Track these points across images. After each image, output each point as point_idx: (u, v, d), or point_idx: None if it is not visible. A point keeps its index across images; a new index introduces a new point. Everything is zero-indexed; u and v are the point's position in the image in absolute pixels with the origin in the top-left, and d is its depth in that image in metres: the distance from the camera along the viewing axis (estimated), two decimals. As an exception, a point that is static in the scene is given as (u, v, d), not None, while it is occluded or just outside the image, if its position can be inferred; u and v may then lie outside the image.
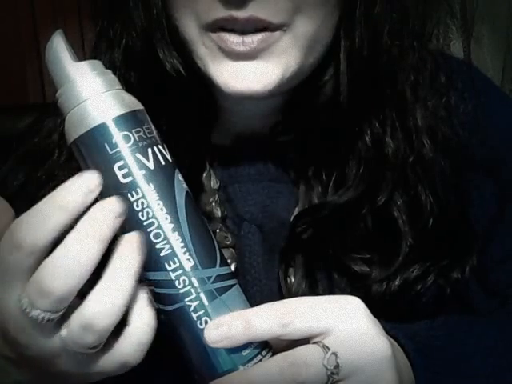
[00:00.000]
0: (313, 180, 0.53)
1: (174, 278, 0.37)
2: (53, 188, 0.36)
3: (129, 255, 0.36)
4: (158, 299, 0.38)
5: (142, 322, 0.37)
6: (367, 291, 0.51)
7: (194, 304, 0.37)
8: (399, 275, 0.51)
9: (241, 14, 0.44)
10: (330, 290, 0.53)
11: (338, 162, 0.52)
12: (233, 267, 0.53)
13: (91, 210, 0.35)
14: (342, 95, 0.49)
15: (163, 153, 0.39)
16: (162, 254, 0.37)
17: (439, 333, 0.50)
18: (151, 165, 0.38)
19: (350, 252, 0.52)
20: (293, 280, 0.52)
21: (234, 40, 0.45)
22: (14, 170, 0.56)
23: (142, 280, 0.38)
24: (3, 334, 0.37)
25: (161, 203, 0.37)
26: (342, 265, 0.52)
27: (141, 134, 0.38)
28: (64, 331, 0.35)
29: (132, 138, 0.38)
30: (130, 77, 0.50)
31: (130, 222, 0.37)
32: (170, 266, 0.37)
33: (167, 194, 0.38)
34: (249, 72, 0.46)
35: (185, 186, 0.40)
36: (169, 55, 0.49)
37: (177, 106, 0.51)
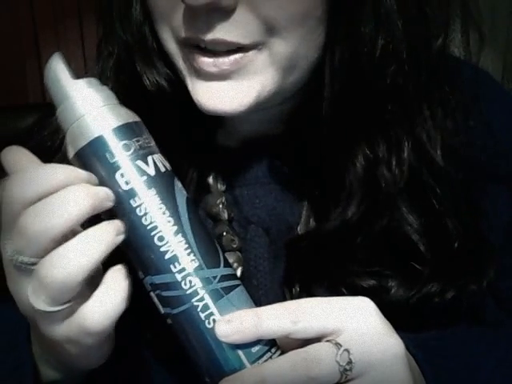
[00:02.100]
0: (316, 194, 0.52)
1: (179, 280, 0.38)
2: None
3: (103, 230, 0.37)
4: (164, 303, 0.39)
5: (109, 287, 0.37)
6: (381, 304, 0.50)
7: (201, 304, 0.38)
8: (419, 292, 0.49)
9: (207, 36, 0.43)
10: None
11: (335, 181, 0.50)
12: (239, 271, 0.53)
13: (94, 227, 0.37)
14: (324, 114, 0.47)
15: (162, 161, 0.40)
16: (166, 257, 0.38)
17: (449, 343, 0.49)
18: (152, 171, 0.39)
19: (357, 269, 0.50)
20: (298, 290, 0.51)
21: (205, 60, 0.44)
22: None
23: (148, 286, 0.39)
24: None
25: (163, 207, 0.38)
26: (349, 281, 0.50)
27: (140, 143, 0.39)
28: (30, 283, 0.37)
29: (132, 147, 0.39)
30: (124, 83, 0.50)
31: (133, 226, 0.38)
32: (175, 267, 0.38)
33: (168, 198, 0.39)
34: (222, 92, 0.45)
35: (185, 192, 0.40)
36: (148, 70, 0.49)
37: (173, 109, 0.50)
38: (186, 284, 0.38)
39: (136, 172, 0.38)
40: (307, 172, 0.52)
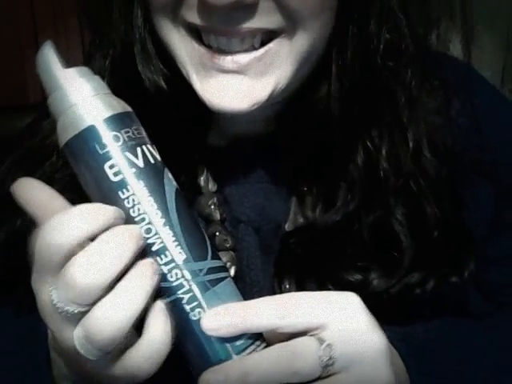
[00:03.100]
0: (305, 192, 0.53)
1: (166, 272, 0.38)
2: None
3: (144, 276, 0.36)
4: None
5: (154, 336, 0.37)
6: (365, 296, 0.51)
7: (187, 296, 0.38)
8: (399, 282, 0.51)
9: (228, 27, 0.43)
10: None
11: (329, 178, 0.51)
12: (233, 270, 0.53)
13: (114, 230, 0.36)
14: (333, 109, 0.48)
15: (152, 152, 0.40)
16: (153, 249, 0.38)
17: (434, 336, 0.50)
18: (141, 163, 0.39)
19: (345, 264, 0.51)
20: (287, 287, 0.52)
21: (222, 58, 0.44)
22: (12, 171, 0.56)
23: None
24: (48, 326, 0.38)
25: (151, 199, 0.38)
26: (337, 276, 0.51)
27: (129, 134, 0.39)
28: (76, 330, 0.36)
29: (121, 138, 0.39)
30: (120, 83, 0.50)
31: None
32: (161, 259, 0.38)
33: (157, 190, 0.39)
34: (235, 89, 0.45)
35: (174, 183, 0.40)
36: (148, 69, 0.49)
37: (171, 107, 0.50)
38: (172, 276, 0.38)
39: (125, 163, 0.38)
40: (297, 170, 0.53)
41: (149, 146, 0.40)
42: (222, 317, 0.37)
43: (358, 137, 0.50)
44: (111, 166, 0.38)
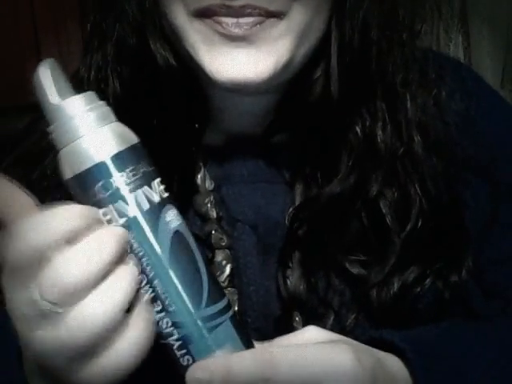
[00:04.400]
0: (309, 178, 0.53)
1: (157, 319, 0.38)
2: (46, 190, 0.37)
3: (124, 279, 0.36)
4: None
5: (136, 330, 0.37)
6: (367, 296, 0.51)
7: (177, 344, 0.39)
8: (397, 278, 0.51)
9: (236, 3, 0.44)
10: (329, 292, 0.52)
11: (330, 157, 0.52)
12: (228, 268, 0.53)
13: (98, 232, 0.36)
14: (332, 88, 0.49)
15: (150, 193, 0.38)
16: (145, 297, 0.38)
17: (442, 340, 0.49)
18: (132, 211, 0.38)
19: (347, 253, 0.52)
20: (291, 280, 0.52)
21: (228, 21, 0.45)
22: (9, 171, 0.56)
23: None
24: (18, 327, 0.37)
25: (141, 250, 0.38)
26: (340, 266, 0.52)
27: (124, 178, 0.38)
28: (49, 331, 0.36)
29: (113, 185, 0.37)
30: (121, 71, 0.51)
31: None
32: (153, 308, 0.38)
33: (149, 240, 0.38)
34: (243, 58, 0.46)
35: (174, 224, 0.39)
36: (160, 47, 0.49)
37: (168, 103, 0.51)
38: (163, 324, 0.38)
39: (115, 214, 0.37)
40: (299, 161, 0.53)
41: (147, 187, 0.38)
42: (204, 373, 0.37)
43: (356, 110, 0.51)
44: (104, 214, 0.38)
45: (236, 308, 0.53)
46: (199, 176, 0.55)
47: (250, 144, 0.55)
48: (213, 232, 0.54)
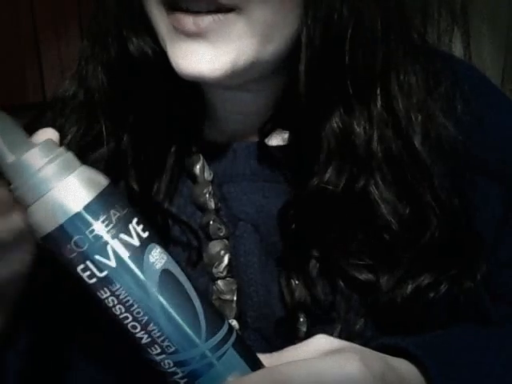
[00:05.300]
0: (300, 176, 0.53)
1: (158, 361, 0.39)
2: None
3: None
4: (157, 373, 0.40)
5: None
6: (377, 301, 0.50)
7: (182, 381, 0.39)
8: (410, 283, 0.50)
9: None
10: (335, 296, 0.51)
11: (309, 154, 0.51)
12: (226, 258, 0.53)
13: None
14: (300, 87, 0.48)
15: (129, 239, 0.38)
16: (142, 342, 0.38)
17: (456, 347, 0.49)
18: (113, 263, 0.37)
19: (351, 258, 0.50)
20: (294, 284, 0.51)
21: (185, 19, 0.45)
22: None
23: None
24: None
25: (130, 299, 0.38)
26: (345, 271, 0.51)
27: (98, 230, 0.37)
28: None
29: (87, 240, 0.36)
30: (107, 67, 0.52)
31: (108, 314, 0.38)
32: (152, 351, 0.39)
33: (135, 286, 0.37)
34: (199, 54, 0.46)
35: (159, 263, 0.38)
36: (135, 38, 0.50)
37: (161, 96, 0.51)
38: (165, 364, 0.39)
39: (95, 268, 0.37)
40: (292, 166, 0.53)
41: (124, 235, 0.37)
42: None
43: (328, 112, 0.50)
44: (83, 270, 0.37)
45: (235, 306, 0.52)
46: (198, 166, 0.55)
47: (251, 143, 0.55)
48: (211, 222, 0.54)
